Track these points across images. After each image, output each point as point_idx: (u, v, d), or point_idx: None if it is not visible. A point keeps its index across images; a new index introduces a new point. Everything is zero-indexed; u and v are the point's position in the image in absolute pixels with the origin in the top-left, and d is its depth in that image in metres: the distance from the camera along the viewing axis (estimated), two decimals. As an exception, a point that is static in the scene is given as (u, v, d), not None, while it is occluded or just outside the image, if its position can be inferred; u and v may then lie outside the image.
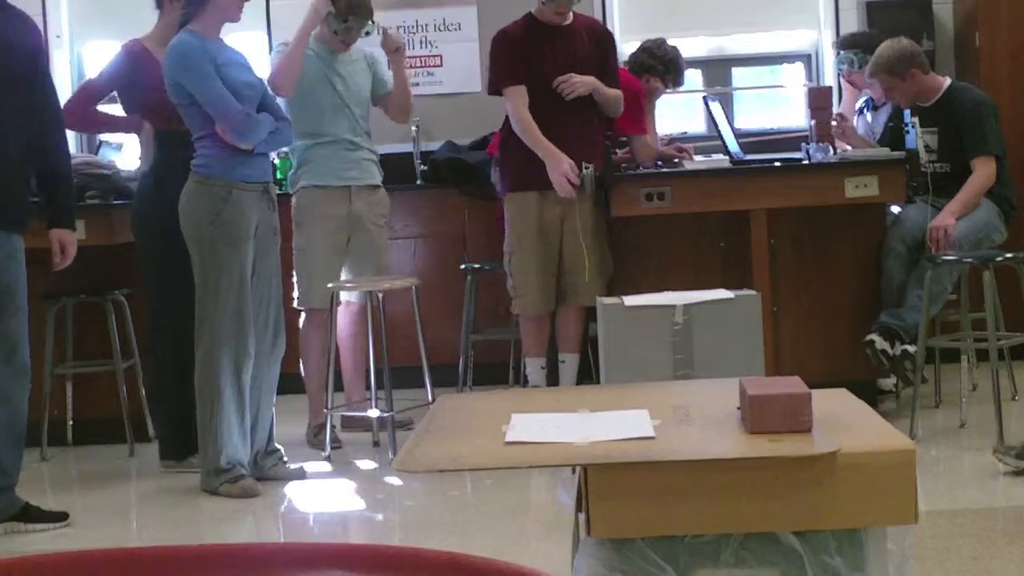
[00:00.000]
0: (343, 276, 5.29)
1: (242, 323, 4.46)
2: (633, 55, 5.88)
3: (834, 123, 5.49)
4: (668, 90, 5.93)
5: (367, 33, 5.28)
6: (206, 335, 4.47)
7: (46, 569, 1.50)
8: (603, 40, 5.27)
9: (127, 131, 5.20)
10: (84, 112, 5.03)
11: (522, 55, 5.14)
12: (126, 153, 6.08)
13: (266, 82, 4.78)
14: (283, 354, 4.72)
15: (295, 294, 5.28)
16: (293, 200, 5.32)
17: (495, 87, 5.22)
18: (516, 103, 5.12)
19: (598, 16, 6.78)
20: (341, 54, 5.29)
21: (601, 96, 5.11)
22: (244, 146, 4.44)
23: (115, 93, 5.04)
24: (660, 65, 5.81)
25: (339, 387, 5.33)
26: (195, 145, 4.51)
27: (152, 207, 4.78)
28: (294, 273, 5.28)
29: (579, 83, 5.04)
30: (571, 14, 5.20)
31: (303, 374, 5.29)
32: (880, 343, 4.98)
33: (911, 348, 4.89)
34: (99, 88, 5.06)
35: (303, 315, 5.30)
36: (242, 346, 4.46)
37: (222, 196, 4.44)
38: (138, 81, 4.87)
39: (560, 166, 4.99)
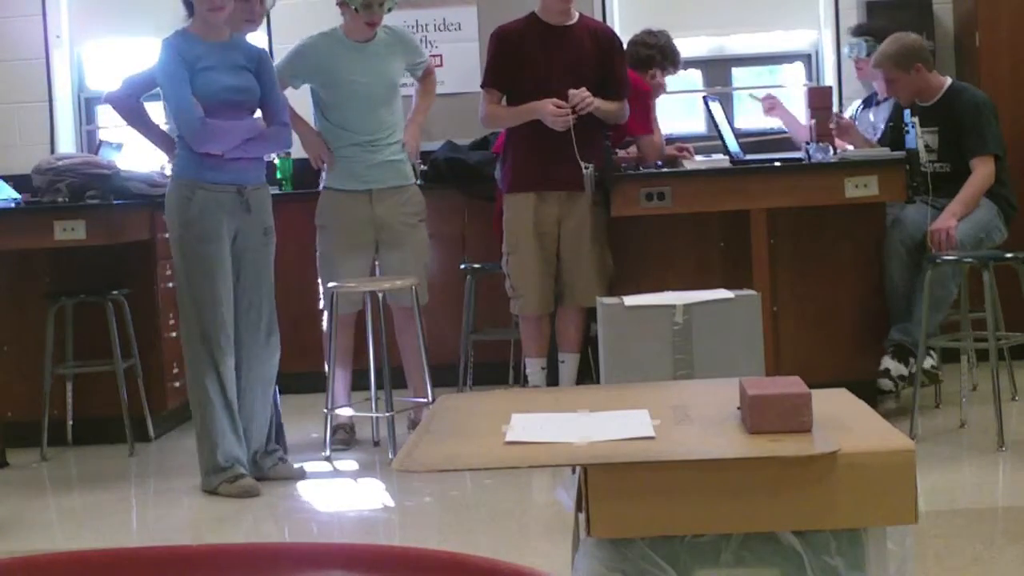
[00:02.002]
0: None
1: (215, 321, 4.48)
2: (627, 51, 5.81)
3: (833, 126, 5.49)
4: (670, 73, 5.90)
5: (390, 9, 5.21)
6: (183, 334, 4.53)
7: (46, 569, 1.50)
8: (607, 44, 5.19)
9: (160, 146, 5.10)
10: (128, 102, 4.84)
11: (512, 58, 5.13)
12: (126, 153, 6.08)
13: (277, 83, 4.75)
14: (278, 353, 4.71)
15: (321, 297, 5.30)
16: (319, 200, 5.33)
17: (482, 83, 5.26)
18: (486, 102, 5.19)
19: (597, 16, 6.78)
20: (366, 45, 5.21)
21: (601, 113, 5.09)
22: (203, 151, 4.46)
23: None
24: (657, 53, 5.78)
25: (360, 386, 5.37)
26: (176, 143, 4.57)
27: None
28: (319, 277, 5.29)
29: (588, 101, 4.98)
30: (576, 14, 5.19)
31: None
32: (896, 369, 5.02)
33: (926, 364, 4.94)
34: (143, 80, 4.98)
35: (325, 317, 5.29)
36: (216, 343, 4.48)
37: (187, 196, 4.49)
38: None
39: (544, 109, 4.99)
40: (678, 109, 7.28)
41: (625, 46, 5.75)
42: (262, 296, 4.63)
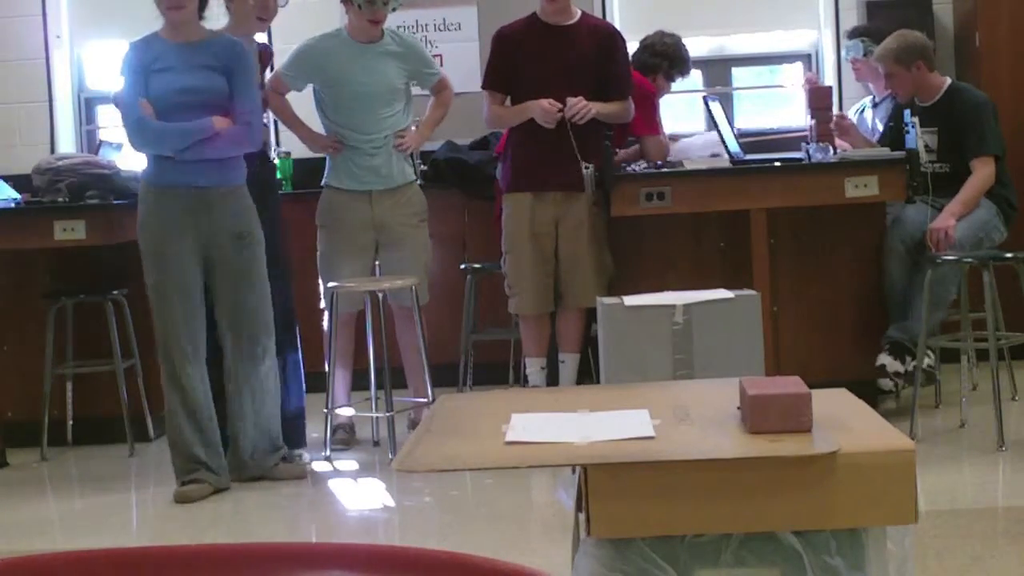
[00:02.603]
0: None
1: (165, 323, 4.49)
2: (635, 55, 5.82)
3: (833, 126, 5.49)
4: (676, 79, 5.93)
5: (394, 8, 5.20)
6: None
7: (46, 569, 1.50)
8: (607, 43, 5.16)
9: None
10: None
11: (511, 59, 5.13)
12: (126, 153, 6.08)
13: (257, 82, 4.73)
14: (267, 358, 4.67)
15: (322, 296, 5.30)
16: (319, 200, 5.33)
17: (482, 84, 5.27)
18: (489, 103, 5.21)
19: (597, 15, 6.76)
20: (370, 46, 5.21)
21: (603, 115, 5.08)
22: (144, 152, 4.50)
23: None
24: (664, 61, 5.79)
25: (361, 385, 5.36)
26: None
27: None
28: (319, 277, 5.29)
29: (585, 109, 4.98)
30: (578, 12, 5.19)
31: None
32: (892, 366, 5.01)
33: (923, 363, 4.94)
34: None
35: (326, 316, 5.29)
36: (173, 346, 4.49)
37: (143, 199, 4.54)
38: None
39: (537, 107, 5.00)
40: (678, 109, 7.27)
41: (636, 48, 5.79)
42: (238, 301, 4.58)
